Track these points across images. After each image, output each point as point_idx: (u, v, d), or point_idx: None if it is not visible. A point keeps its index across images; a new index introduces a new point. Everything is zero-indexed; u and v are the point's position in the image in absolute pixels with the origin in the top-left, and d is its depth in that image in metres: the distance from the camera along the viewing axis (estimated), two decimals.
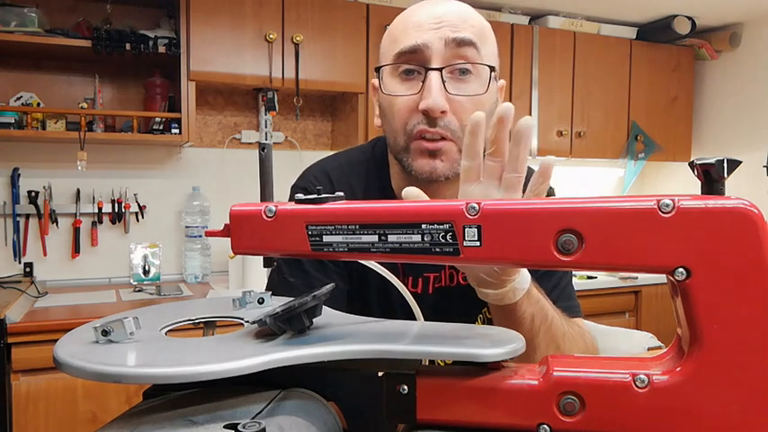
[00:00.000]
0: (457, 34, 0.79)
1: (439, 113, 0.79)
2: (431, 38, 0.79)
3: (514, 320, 0.72)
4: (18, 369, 1.98)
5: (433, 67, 0.79)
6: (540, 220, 0.44)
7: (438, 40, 0.79)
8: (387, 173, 0.94)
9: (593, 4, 3.19)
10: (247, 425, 0.41)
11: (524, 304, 0.72)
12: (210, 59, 2.52)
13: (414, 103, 0.81)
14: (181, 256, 2.84)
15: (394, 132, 0.84)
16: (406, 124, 0.82)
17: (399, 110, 0.82)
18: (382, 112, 0.88)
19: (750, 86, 3.48)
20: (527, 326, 0.73)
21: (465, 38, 0.79)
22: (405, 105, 0.82)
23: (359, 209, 0.49)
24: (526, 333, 0.73)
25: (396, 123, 0.83)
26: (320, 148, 3.11)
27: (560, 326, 0.78)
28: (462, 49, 0.80)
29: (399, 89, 0.82)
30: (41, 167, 2.63)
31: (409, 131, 0.82)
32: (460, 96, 0.80)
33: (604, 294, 3.01)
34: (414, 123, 0.81)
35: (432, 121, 0.79)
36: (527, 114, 3.13)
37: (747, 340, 0.40)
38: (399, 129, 0.83)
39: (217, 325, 0.61)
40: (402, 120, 0.82)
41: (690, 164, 0.44)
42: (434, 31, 0.80)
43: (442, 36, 0.79)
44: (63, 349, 0.45)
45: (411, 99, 0.81)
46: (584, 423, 0.43)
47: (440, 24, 0.80)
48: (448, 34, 0.79)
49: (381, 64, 0.85)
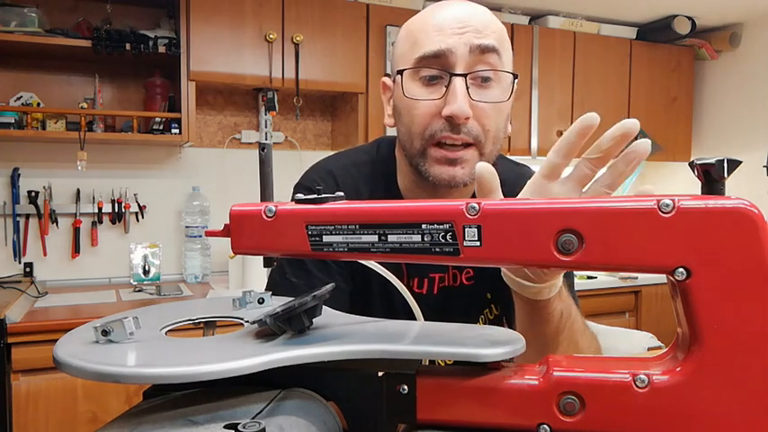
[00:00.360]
0: (481, 41, 0.78)
1: (463, 120, 0.78)
2: (455, 43, 0.78)
3: (544, 316, 0.72)
4: (18, 369, 1.98)
5: (458, 73, 0.78)
6: (540, 220, 0.44)
7: (463, 45, 0.78)
8: (393, 174, 0.94)
9: (593, 4, 3.19)
10: (247, 425, 0.41)
11: (556, 301, 0.72)
12: (210, 59, 2.52)
13: (436, 109, 0.80)
14: (181, 256, 2.84)
15: (411, 136, 0.83)
16: (425, 129, 0.81)
17: (420, 114, 0.81)
18: (398, 115, 0.86)
19: (750, 86, 3.48)
20: (554, 322, 0.73)
21: (489, 45, 0.79)
22: (426, 110, 0.81)
23: (359, 209, 0.49)
24: (552, 329, 0.73)
25: (415, 128, 0.82)
26: (320, 148, 3.11)
27: (581, 324, 0.78)
28: (486, 56, 0.79)
29: (421, 93, 0.81)
30: (41, 167, 2.63)
31: (428, 136, 0.81)
32: (484, 103, 0.80)
33: (604, 294, 3.01)
34: (435, 129, 0.80)
35: (455, 128, 0.79)
36: (526, 114, 3.11)
37: (747, 340, 0.40)
38: (418, 133, 0.82)
39: (217, 325, 0.61)
40: (422, 124, 0.81)
41: (690, 164, 0.44)
42: (458, 36, 0.78)
43: (467, 42, 0.78)
44: (63, 349, 0.45)
45: (434, 104, 0.80)
46: (584, 423, 0.43)
47: (463, 29, 0.79)
48: (473, 40, 0.78)
49: (402, 67, 0.83)
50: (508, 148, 3.12)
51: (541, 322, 0.72)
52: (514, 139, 3.16)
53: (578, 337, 0.78)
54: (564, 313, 0.74)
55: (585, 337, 0.80)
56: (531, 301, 0.71)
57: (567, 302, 0.75)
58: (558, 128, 3.26)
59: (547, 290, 0.70)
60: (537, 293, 0.70)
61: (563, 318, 0.74)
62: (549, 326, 0.72)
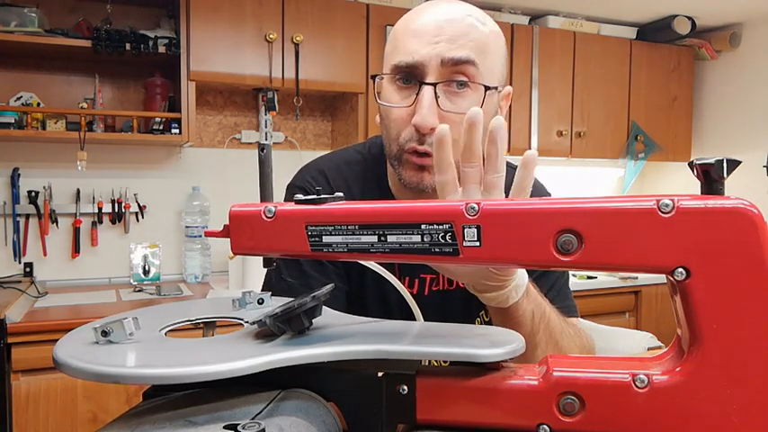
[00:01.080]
0: (453, 53, 0.77)
1: (428, 130, 0.77)
2: (427, 54, 0.77)
3: (516, 319, 0.72)
4: (18, 369, 1.98)
5: (427, 82, 0.77)
6: (539, 220, 0.44)
7: (435, 56, 0.77)
8: (384, 173, 0.94)
9: (593, 4, 3.19)
10: (247, 425, 0.41)
11: (524, 302, 0.72)
12: (210, 59, 2.52)
13: (407, 115, 0.80)
14: (181, 256, 2.84)
15: (389, 140, 0.84)
16: (399, 136, 0.81)
17: (394, 120, 0.82)
18: (381, 117, 0.87)
19: (750, 86, 3.48)
20: (528, 324, 0.73)
21: (461, 57, 0.77)
22: (399, 116, 0.81)
23: (358, 209, 0.49)
24: (527, 331, 0.73)
25: (391, 132, 0.83)
26: (320, 148, 3.11)
27: (558, 323, 0.78)
28: (459, 67, 0.78)
29: (395, 98, 0.81)
30: (41, 167, 2.63)
31: (402, 144, 0.81)
32: (454, 114, 0.78)
33: (604, 294, 3.01)
34: (405, 137, 0.80)
35: (421, 138, 0.78)
36: (526, 114, 3.11)
37: (747, 340, 0.40)
38: (393, 139, 0.82)
39: (217, 325, 0.61)
40: (396, 130, 0.82)
41: (690, 164, 0.44)
42: (432, 46, 0.77)
43: (439, 53, 0.77)
44: (63, 350, 0.45)
45: (405, 111, 0.80)
46: (584, 423, 0.43)
47: (438, 38, 0.77)
48: (444, 53, 0.76)
49: (381, 73, 0.84)
50: (508, 148, 3.12)
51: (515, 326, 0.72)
52: (514, 139, 3.16)
53: (558, 337, 0.77)
54: (536, 313, 0.74)
55: (566, 337, 0.79)
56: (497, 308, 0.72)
57: (538, 302, 0.75)
58: (558, 128, 3.26)
59: (513, 293, 0.69)
60: (504, 301, 0.70)
61: (535, 318, 0.74)
62: (523, 328, 0.72)
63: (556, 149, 3.26)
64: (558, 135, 3.27)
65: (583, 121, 3.33)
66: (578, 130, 3.30)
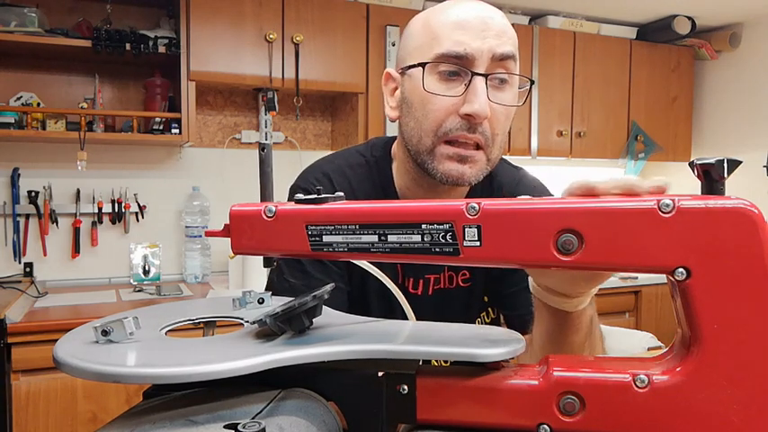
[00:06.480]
0: (503, 49, 0.79)
1: (483, 119, 0.78)
2: (479, 47, 0.78)
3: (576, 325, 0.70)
4: (18, 369, 1.98)
5: (480, 73, 0.78)
6: (540, 220, 0.44)
7: (487, 51, 0.78)
8: (388, 173, 0.93)
9: (593, 4, 3.19)
10: (247, 425, 0.41)
11: (589, 309, 0.71)
12: (210, 59, 2.52)
13: (453, 106, 0.79)
14: (181, 256, 2.84)
15: (420, 131, 0.82)
16: (440, 126, 0.80)
17: (436, 110, 0.80)
18: (407, 108, 0.84)
19: (750, 86, 3.48)
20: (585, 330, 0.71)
21: (508, 53, 0.79)
22: (443, 106, 0.80)
23: (359, 209, 0.49)
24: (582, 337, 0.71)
25: (428, 123, 0.81)
26: (320, 148, 3.11)
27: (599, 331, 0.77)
28: (504, 62, 0.80)
29: (439, 88, 0.80)
30: (41, 167, 2.63)
31: (442, 134, 0.80)
32: (499, 105, 0.80)
33: (604, 294, 3.01)
34: (450, 126, 0.79)
35: (472, 127, 0.79)
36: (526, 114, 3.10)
37: (747, 340, 0.40)
38: (430, 129, 0.81)
39: (217, 325, 0.61)
40: (437, 121, 0.80)
41: (690, 164, 0.44)
42: (482, 39, 0.78)
43: (490, 49, 0.78)
44: (63, 349, 0.45)
45: (451, 101, 0.79)
46: (584, 423, 0.43)
47: (485, 32, 0.79)
48: (495, 48, 0.78)
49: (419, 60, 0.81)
50: (508, 148, 3.12)
51: (573, 332, 0.70)
52: (514, 139, 3.16)
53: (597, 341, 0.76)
54: (594, 319, 0.73)
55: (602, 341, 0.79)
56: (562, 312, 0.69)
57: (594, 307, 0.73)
58: (558, 128, 3.26)
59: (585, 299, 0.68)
60: (577, 305, 0.68)
61: (592, 323, 0.73)
62: (578, 334, 0.71)
63: (556, 149, 3.26)
64: (557, 135, 3.26)
65: (583, 121, 3.33)
66: (578, 130, 3.30)
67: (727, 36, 3.49)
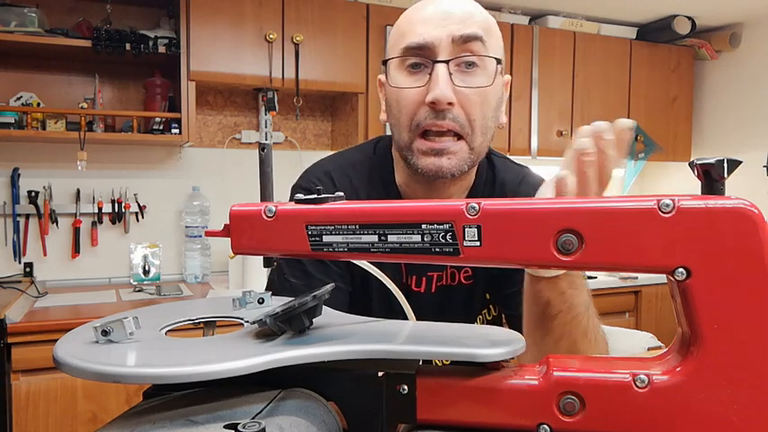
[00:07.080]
0: (463, 31, 0.79)
1: (446, 105, 0.78)
2: (438, 34, 0.79)
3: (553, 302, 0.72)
4: (18, 369, 1.98)
5: (440, 60, 0.79)
6: (539, 220, 0.44)
7: (446, 36, 0.79)
8: (390, 171, 0.94)
9: (593, 4, 3.19)
10: (247, 425, 0.41)
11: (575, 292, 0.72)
12: (210, 59, 2.52)
13: (420, 96, 0.80)
14: (181, 256, 2.84)
15: (399, 128, 0.84)
16: (412, 119, 0.81)
17: (406, 104, 0.82)
18: (388, 107, 0.87)
19: (750, 86, 3.48)
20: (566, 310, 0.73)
21: (471, 33, 0.80)
22: (411, 98, 0.81)
23: (359, 209, 0.49)
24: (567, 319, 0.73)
25: (402, 118, 0.83)
26: (320, 148, 3.11)
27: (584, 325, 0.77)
28: (469, 44, 0.80)
29: (406, 82, 0.82)
30: (41, 167, 2.63)
31: (415, 126, 0.81)
32: (467, 89, 0.80)
33: (604, 294, 3.01)
34: (421, 118, 0.80)
35: (440, 114, 0.79)
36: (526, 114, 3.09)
37: (747, 340, 0.40)
38: (405, 124, 0.82)
39: (217, 325, 0.61)
40: (408, 114, 0.82)
41: (690, 164, 0.44)
42: (442, 27, 0.80)
43: (450, 33, 0.79)
44: (63, 349, 0.45)
45: (417, 92, 0.81)
46: (584, 423, 0.43)
47: (446, 21, 0.80)
48: (454, 31, 0.79)
49: (388, 57, 0.85)
50: (508, 148, 3.12)
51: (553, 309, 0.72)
52: (514, 139, 3.16)
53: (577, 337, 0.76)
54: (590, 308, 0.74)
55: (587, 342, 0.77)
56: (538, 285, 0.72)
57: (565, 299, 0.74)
58: (558, 128, 3.26)
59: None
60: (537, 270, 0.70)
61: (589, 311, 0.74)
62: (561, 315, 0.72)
63: (556, 149, 3.26)
64: (558, 135, 3.26)
65: (583, 121, 3.32)
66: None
67: (727, 36, 3.49)
